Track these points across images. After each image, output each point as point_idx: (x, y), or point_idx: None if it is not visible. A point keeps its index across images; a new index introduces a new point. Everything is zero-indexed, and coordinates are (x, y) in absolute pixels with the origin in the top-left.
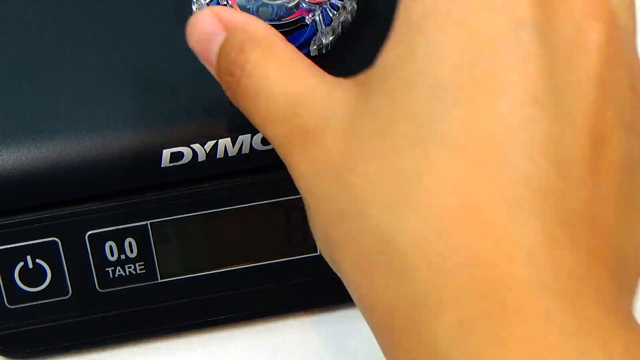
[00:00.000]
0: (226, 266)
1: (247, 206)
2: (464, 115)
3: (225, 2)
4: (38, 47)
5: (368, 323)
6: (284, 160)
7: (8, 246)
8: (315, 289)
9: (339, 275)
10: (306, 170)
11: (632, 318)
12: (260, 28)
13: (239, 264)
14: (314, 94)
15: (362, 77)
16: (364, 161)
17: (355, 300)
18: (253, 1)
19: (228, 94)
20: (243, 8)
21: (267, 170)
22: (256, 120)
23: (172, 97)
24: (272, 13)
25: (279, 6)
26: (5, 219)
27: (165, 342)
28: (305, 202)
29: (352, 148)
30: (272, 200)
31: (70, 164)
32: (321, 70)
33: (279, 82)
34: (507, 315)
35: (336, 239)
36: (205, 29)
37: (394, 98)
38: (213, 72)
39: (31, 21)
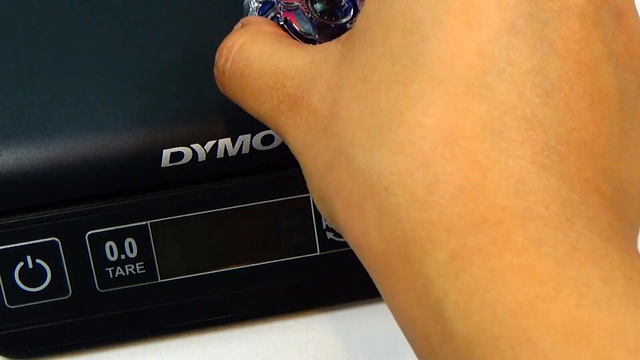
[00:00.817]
0: (226, 266)
1: (247, 206)
2: (442, 49)
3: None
4: (38, 47)
5: (366, 268)
6: (277, 133)
7: (8, 246)
8: (315, 289)
9: (336, 228)
10: (297, 134)
11: (632, 247)
12: (250, 17)
13: (238, 264)
14: (297, 61)
15: (345, 34)
16: (346, 107)
17: (352, 248)
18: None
19: (219, 86)
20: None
21: (267, 170)
22: (248, 101)
23: (172, 97)
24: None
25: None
26: (5, 219)
27: (165, 342)
28: (302, 168)
29: (336, 99)
30: (272, 200)
31: (70, 164)
32: (305, 44)
33: (263, 59)
34: (499, 247)
35: (328, 190)
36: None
37: (372, 43)
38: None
39: (31, 21)
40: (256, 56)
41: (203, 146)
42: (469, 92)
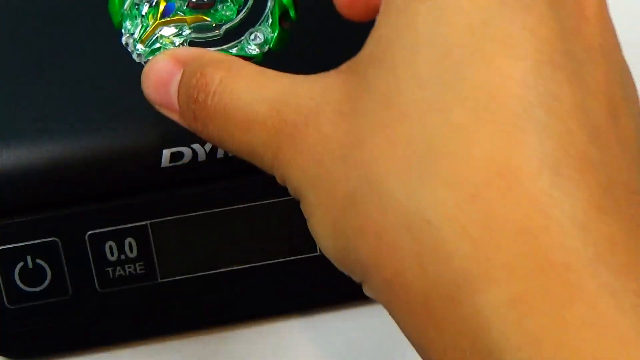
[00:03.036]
0: (226, 266)
1: (247, 206)
2: (484, 76)
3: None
4: (38, 47)
5: (393, 310)
6: (272, 169)
7: (8, 246)
8: (315, 289)
9: (353, 270)
10: (305, 164)
11: None
12: (217, 53)
13: (239, 264)
14: (294, 90)
15: (348, 63)
16: (370, 135)
17: (378, 287)
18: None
19: (194, 125)
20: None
21: None
22: (236, 135)
23: None
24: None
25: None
26: (5, 219)
27: (166, 342)
28: (305, 201)
29: (353, 126)
30: (272, 200)
31: (70, 164)
32: (293, 75)
33: (252, 90)
34: (569, 292)
35: (350, 225)
36: (161, 71)
37: (394, 68)
38: (175, 116)
39: (31, 21)
40: (243, 87)
41: (203, 146)
42: (518, 125)
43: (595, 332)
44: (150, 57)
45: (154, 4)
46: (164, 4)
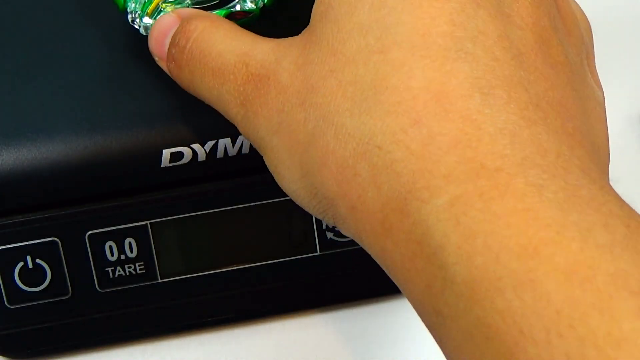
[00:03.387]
0: (226, 266)
1: (247, 206)
2: (414, 19)
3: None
4: (38, 47)
5: (360, 235)
6: (237, 118)
7: (8, 246)
8: (316, 289)
9: (323, 208)
10: (269, 113)
11: (621, 201)
12: (211, 13)
13: (239, 264)
14: (261, 45)
15: (307, 27)
16: (322, 80)
17: (345, 216)
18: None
19: (171, 68)
20: None
21: (267, 170)
22: (206, 80)
23: (172, 97)
24: None
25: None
26: (5, 219)
27: (165, 342)
28: (270, 149)
29: (307, 74)
30: (272, 200)
31: (70, 164)
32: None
33: (227, 42)
34: (501, 191)
35: (315, 160)
36: (164, 24)
37: (336, 21)
38: (163, 64)
39: (31, 21)
40: (219, 38)
41: (203, 146)
42: (449, 56)
43: (520, 221)
44: None
45: None
46: None
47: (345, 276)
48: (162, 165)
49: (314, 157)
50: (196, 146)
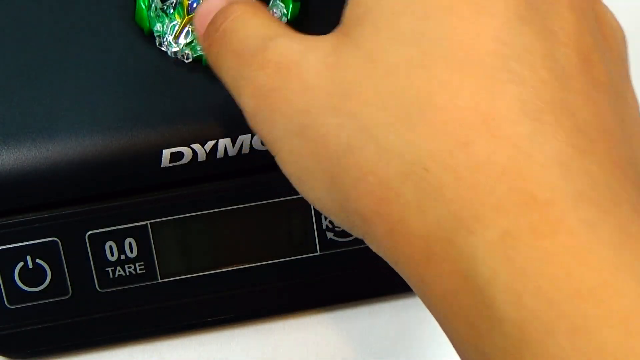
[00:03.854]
0: (226, 266)
1: (247, 206)
2: (460, 35)
3: None
4: (38, 47)
5: (397, 259)
6: (251, 111)
7: (8, 246)
8: (316, 289)
9: (353, 222)
10: (287, 111)
11: None
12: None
13: (239, 264)
14: (288, 34)
15: (337, 28)
16: (358, 86)
17: (381, 236)
18: None
19: (205, 47)
20: None
21: (267, 170)
22: (227, 60)
23: (172, 97)
24: None
25: None
26: (5, 219)
27: (165, 342)
28: (289, 152)
29: (341, 77)
30: (272, 200)
31: (70, 164)
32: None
33: (257, 27)
34: (553, 228)
35: (347, 174)
36: (211, 4)
37: (377, 27)
38: (202, 42)
39: (31, 21)
40: (253, 23)
41: (203, 146)
42: (496, 77)
43: (574, 261)
44: (186, 50)
45: (177, 3)
46: (188, 1)
47: (345, 276)
48: (162, 165)
49: (348, 170)
50: (196, 146)
